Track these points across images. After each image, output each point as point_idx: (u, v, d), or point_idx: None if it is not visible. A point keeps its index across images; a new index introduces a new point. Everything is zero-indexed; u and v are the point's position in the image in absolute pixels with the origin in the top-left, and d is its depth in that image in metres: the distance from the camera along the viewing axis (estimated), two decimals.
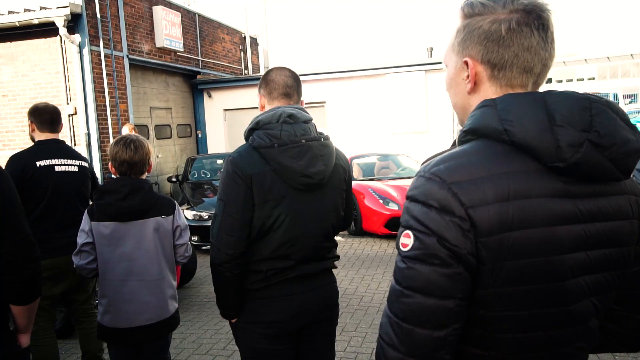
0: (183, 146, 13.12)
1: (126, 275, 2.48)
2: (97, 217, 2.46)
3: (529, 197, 0.90)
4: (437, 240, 0.89)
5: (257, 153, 1.91)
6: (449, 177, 0.91)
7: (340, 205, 2.08)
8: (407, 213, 0.95)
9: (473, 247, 0.89)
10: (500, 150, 0.94)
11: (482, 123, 0.96)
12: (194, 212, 7.39)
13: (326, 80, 12.39)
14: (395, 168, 9.66)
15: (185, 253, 2.68)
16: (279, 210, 1.91)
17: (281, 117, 1.93)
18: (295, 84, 2.04)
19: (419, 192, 0.93)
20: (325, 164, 1.96)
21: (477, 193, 0.89)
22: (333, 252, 2.12)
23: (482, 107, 0.99)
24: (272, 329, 1.98)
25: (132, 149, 2.51)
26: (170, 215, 2.60)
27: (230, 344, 4.20)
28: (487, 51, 1.00)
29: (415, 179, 0.97)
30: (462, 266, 0.89)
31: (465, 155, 0.95)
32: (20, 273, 1.76)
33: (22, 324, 1.88)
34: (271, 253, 1.93)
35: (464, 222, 0.88)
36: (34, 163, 3.17)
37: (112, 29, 9.71)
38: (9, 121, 9.31)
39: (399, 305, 0.92)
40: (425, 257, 0.89)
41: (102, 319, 2.52)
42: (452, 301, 0.89)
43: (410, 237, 0.92)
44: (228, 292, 1.97)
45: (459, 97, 1.09)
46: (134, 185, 2.48)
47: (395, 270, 0.95)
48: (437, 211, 0.90)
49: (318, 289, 2.04)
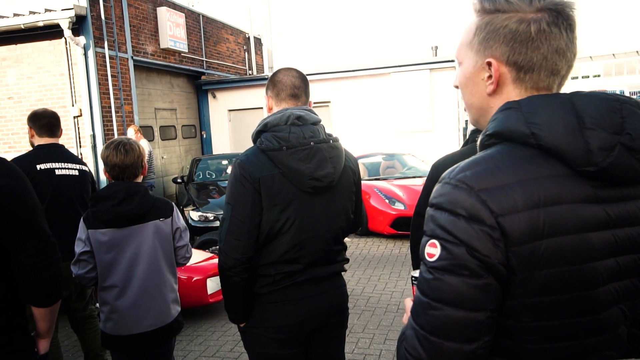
0: (188, 147, 13.12)
1: (126, 282, 2.44)
2: (93, 225, 2.41)
3: (560, 203, 0.87)
4: (466, 250, 0.85)
5: (265, 156, 1.89)
6: (476, 183, 0.87)
7: (349, 208, 2.06)
8: (433, 222, 0.90)
9: (504, 256, 0.85)
10: (527, 155, 0.90)
11: (507, 126, 0.93)
12: (199, 213, 7.38)
13: (331, 79, 12.36)
14: (401, 167, 9.62)
15: (186, 254, 2.65)
16: (288, 214, 1.88)
17: (289, 119, 1.90)
18: (303, 84, 2.01)
19: (445, 199, 0.89)
20: (334, 167, 1.93)
21: (507, 200, 0.86)
22: (342, 255, 2.09)
23: (505, 109, 0.95)
24: (281, 334, 1.95)
25: (122, 152, 2.44)
26: (169, 218, 2.55)
27: (237, 346, 4.19)
28: (514, 53, 0.96)
29: (440, 186, 0.92)
30: (493, 277, 0.86)
31: (492, 161, 0.91)
32: (43, 275, 1.74)
33: (43, 328, 1.86)
34: (280, 257, 1.91)
35: (494, 231, 0.85)
36: (34, 166, 3.16)
37: (117, 31, 9.72)
38: (15, 123, 9.33)
39: (426, 318, 0.89)
40: (454, 267, 0.86)
41: (105, 326, 2.48)
42: (483, 313, 0.86)
43: (437, 247, 0.88)
44: (236, 297, 1.95)
45: (476, 98, 1.04)
46: (129, 189, 2.42)
47: (421, 281, 0.91)
48: (465, 220, 0.86)
49: (327, 292, 2.02)
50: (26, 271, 1.72)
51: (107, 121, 9.43)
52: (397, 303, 5.09)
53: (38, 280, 1.74)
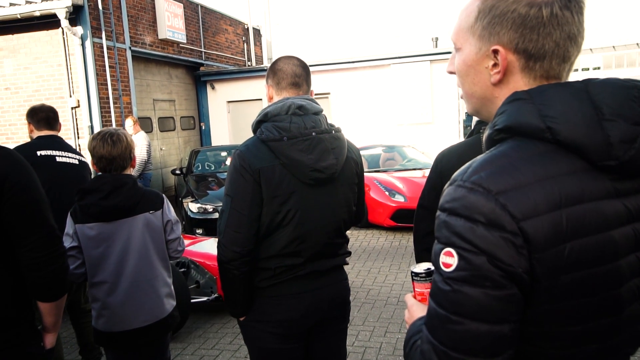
0: (187, 138, 13.06)
1: (117, 277, 2.36)
2: (80, 219, 2.33)
3: (581, 201, 0.82)
4: (487, 260, 0.79)
5: (265, 146, 1.84)
6: (494, 186, 0.81)
7: (352, 200, 2.01)
8: (447, 228, 0.83)
9: (527, 264, 0.80)
10: (543, 151, 0.84)
11: (519, 120, 0.86)
12: (198, 205, 7.34)
13: (330, 71, 12.29)
14: (401, 159, 9.58)
15: (178, 247, 2.57)
16: (288, 206, 1.84)
17: (290, 108, 1.85)
18: (304, 73, 1.96)
19: (461, 204, 0.82)
20: (336, 158, 1.89)
21: (528, 203, 0.80)
22: (344, 248, 2.05)
23: (514, 100, 0.88)
24: (281, 328, 1.92)
25: (109, 143, 2.34)
26: (159, 210, 2.46)
27: (236, 338, 4.16)
28: (524, 39, 0.88)
29: (452, 189, 0.85)
30: (516, 286, 0.80)
31: (507, 159, 0.84)
32: (47, 269, 1.70)
33: (50, 322, 1.83)
34: (280, 250, 1.87)
35: (516, 237, 0.79)
36: (34, 152, 3.16)
37: (114, 21, 9.62)
38: (12, 114, 9.26)
39: (446, 333, 0.82)
40: (475, 278, 0.80)
41: (97, 323, 2.41)
42: (507, 326, 0.80)
43: (454, 257, 0.82)
44: (236, 290, 1.91)
45: (478, 87, 0.96)
46: (116, 181, 2.33)
47: (436, 292, 0.85)
48: (484, 227, 0.79)
49: (329, 286, 1.98)
50: (30, 265, 1.68)
51: (105, 112, 9.36)
52: (398, 295, 5.07)
53: (42, 274, 1.70)
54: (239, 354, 3.90)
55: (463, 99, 1.04)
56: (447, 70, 1.04)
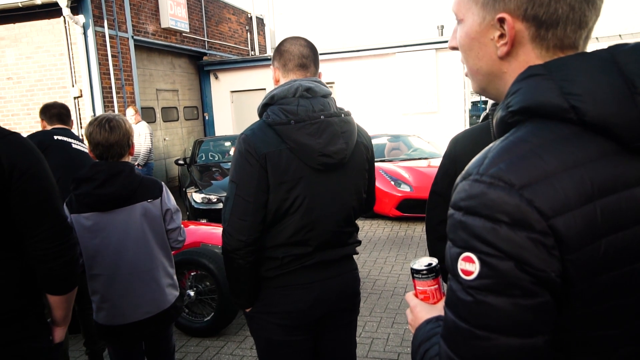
0: (190, 129, 12.98)
1: (115, 269, 2.28)
2: (76, 209, 2.24)
3: (615, 191, 0.71)
4: (515, 265, 0.69)
5: (271, 130, 1.76)
6: (517, 179, 0.70)
7: (362, 187, 1.93)
8: (464, 230, 0.73)
9: (560, 266, 0.70)
10: (568, 134, 0.73)
11: (537, 100, 0.75)
12: (202, 195, 7.28)
13: (335, 60, 12.16)
14: (406, 149, 9.48)
15: (179, 237, 2.48)
16: (296, 193, 1.76)
17: (298, 90, 1.77)
18: (311, 53, 1.87)
19: (479, 202, 0.72)
20: (346, 142, 1.80)
21: (557, 196, 0.69)
22: (354, 237, 1.98)
23: (529, 76, 0.77)
24: (288, 320, 1.85)
25: (107, 130, 2.24)
26: (157, 199, 2.37)
27: (242, 329, 4.11)
28: (533, 4, 0.77)
29: (468, 184, 0.74)
30: (549, 293, 0.70)
31: (526, 145, 0.73)
32: (57, 261, 1.63)
33: (59, 316, 1.77)
34: (288, 239, 1.79)
35: (546, 237, 0.69)
36: (51, 137, 3.27)
37: (117, 9, 9.51)
38: (15, 104, 9.20)
39: (472, 351, 0.72)
40: (501, 287, 0.70)
41: (97, 316, 2.34)
42: (541, 338, 0.71)
43: (475, 263, 0.71)
44: (241, 281, 1.84)
45: (484, 62, 0.85)
46: (112, 169, 2.23)
47: (455, 302, 0.75)
48: (509, 227, 0.69)
49: (338, 276, 1.90)
50: (39, 256, 1.61)
51: (108, 102, 9.28)
52: (404, 286, 5.00)
53: (53, 266, 1.63)
54: (244, 344, 3.85)
55: (467, 76, 0.93)
56: (449, 45, 0.93)
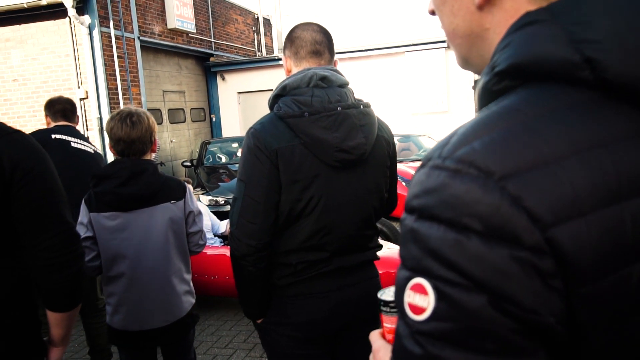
0: (197, 130, 12.87)
1: (134, 272, 2.17)
2: (96, 208, 2.13)
3: None
4: (488, 302, 0.43)
5: (283, 124, 1.59)
6: (496, 164, 0.45)
7: (383, 185, 1.78)
8: (416, 243, 0.48)
9: (564, 307, 0.44)
10: (579, 101, 0.48)
11: (534, 52, 0.50)
12: (209, 197, 7.15)
13: (343, 60, 11.95)
14: (417, 149, 9.30)
15: (200, 241, 2.37)
16: (311, 192, 1.59)
17: (312, 80, 1.60)
18: (325, 39, 1.71)
19: (438, 200, 0.47)
20: (365, 136, 1.63)
21: (561, 193, 0.44)
22: (375, 240, 1.81)
23: (525, 25, 0.53)
24: (303, 332, 1.68)
25: (128, 125, 2.13)
26: (181, 200, 2.27)
27: (251, 336, 3.95)
28: None
29: (425, 173, 0.50)
30: (544, 349, 0.44)
31: (516, 117, 0.48)
32: (64, 272, 1.44)
33: (58, 335, 1.55)
34: (302, 243, 1.62)
35: (542, 258, 0.43)
36: (49, 136, 3.15)
37: (122, 10, 9.41)
38: (20, 106, 9.11)
39: None
40: (466, 337, 0.44)
41: (112, 320, 2.23)
42: None
43: (429, 294, 0.46)
44: (252, 289, 1.67)
45: (460, 18, 0.62)
46: (135, 167, 2.13)
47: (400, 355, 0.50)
48: (482, 239, 0.44)
49: (357, 284, 1.73)
50: (43, 267, 1.42)
51: (114, 103, 9.17)
52: None
53: (57, 278, 1.43)
54: (254, 353, 3.69)
55: (449, 45, 0.67)
56: (428, 9, 0.69)
